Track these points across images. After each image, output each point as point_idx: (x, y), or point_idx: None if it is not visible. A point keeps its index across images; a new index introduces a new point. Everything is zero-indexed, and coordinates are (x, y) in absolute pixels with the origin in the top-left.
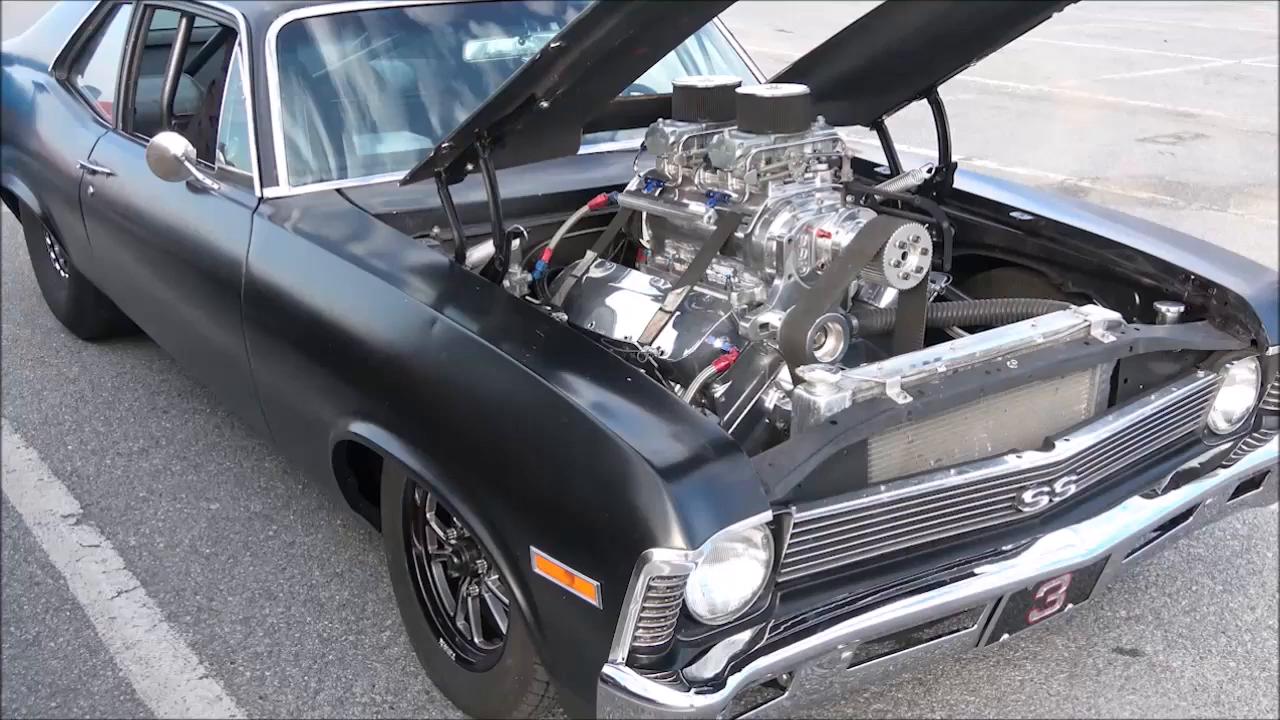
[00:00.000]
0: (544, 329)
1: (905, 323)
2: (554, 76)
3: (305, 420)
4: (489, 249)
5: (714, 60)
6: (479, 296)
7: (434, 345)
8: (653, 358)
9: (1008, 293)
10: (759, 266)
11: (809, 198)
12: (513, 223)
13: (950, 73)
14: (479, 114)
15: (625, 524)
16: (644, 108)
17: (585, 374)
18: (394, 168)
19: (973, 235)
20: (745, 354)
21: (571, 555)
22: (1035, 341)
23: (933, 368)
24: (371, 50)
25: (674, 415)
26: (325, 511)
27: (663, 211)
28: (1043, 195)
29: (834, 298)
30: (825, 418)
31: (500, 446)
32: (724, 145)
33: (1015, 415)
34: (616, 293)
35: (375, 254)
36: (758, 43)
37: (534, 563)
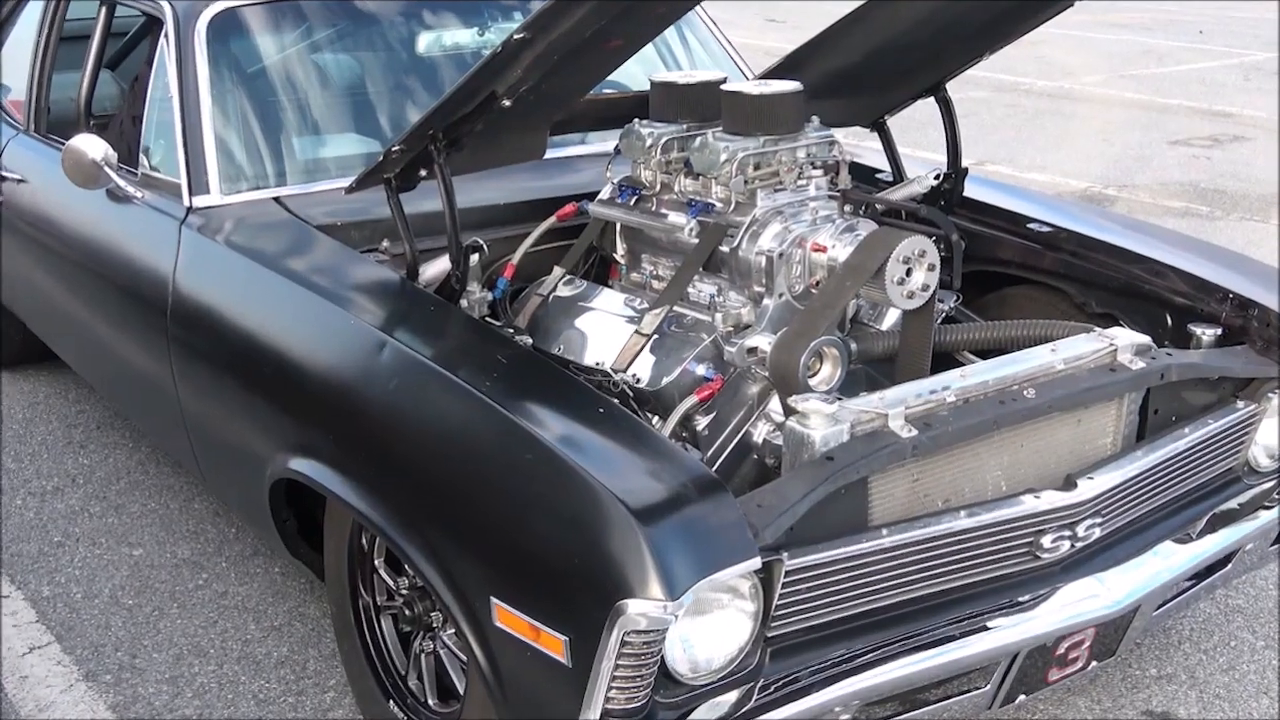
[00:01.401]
0: (506, 354)
1: (910, 347)
2: (517, 72)
3: (239, 456)
4: (444, 265)
5: (696, 54)
6: (433, 317)
7: (383, 372)
8: (627, 386)
9: (1024, 314)
10: (746, 284)
11: (802, 207)
12: (471, 235)
13: (960, 68)
14: (433, 114)
15: (597, 572)
16: (618, 107)
17: (552, 404)
18: (338, 174)
19: (985, 249)
20: (731, 382)
21: (537, 607)
22: (1055, 368)
23: (940, 397)
24: (314, 43)
25: (651, 450)
26: (261, 558)
27: (639, 222)
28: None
29: (830, 319)
30: (820, 453)
31: (457, 485)
32: (707, 149)
33: (1033, 450)
34: (587, 313)
35: (317, 270)
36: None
37: (495, 615)
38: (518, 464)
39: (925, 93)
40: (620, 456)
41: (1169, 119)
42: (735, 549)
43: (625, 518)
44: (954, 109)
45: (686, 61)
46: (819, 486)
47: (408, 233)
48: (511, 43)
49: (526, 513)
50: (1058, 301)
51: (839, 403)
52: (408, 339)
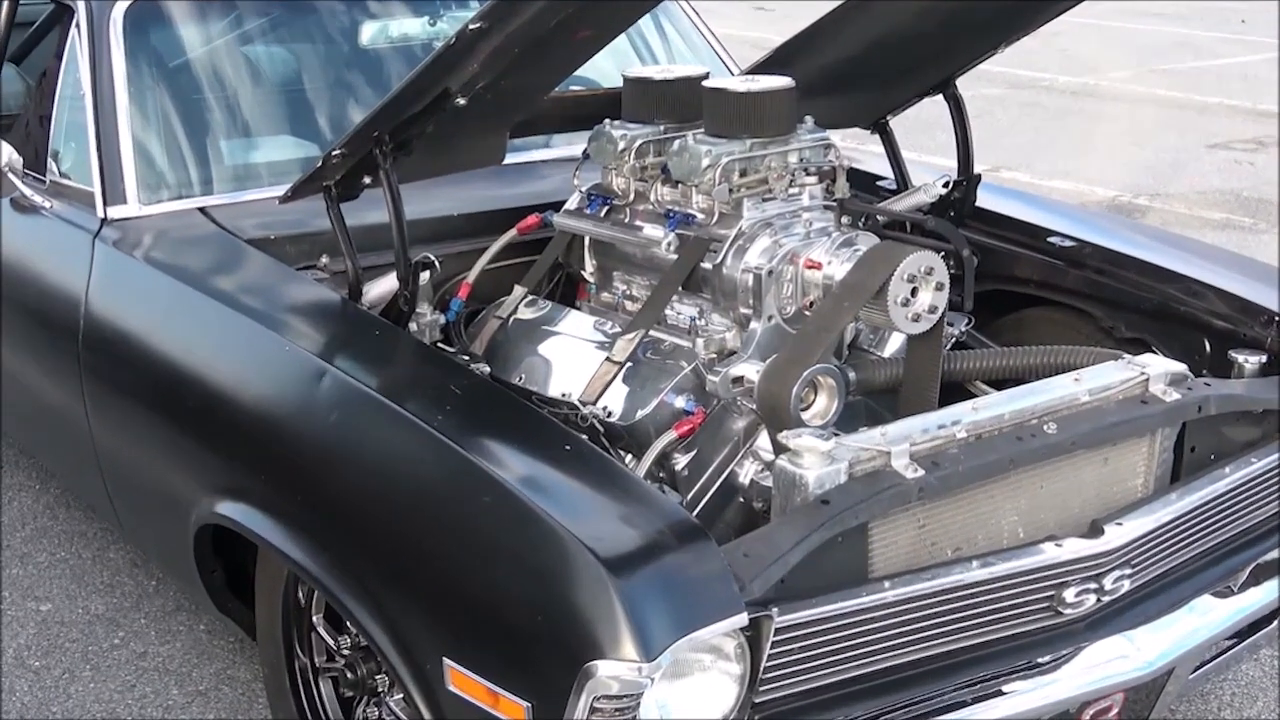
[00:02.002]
0: (460, 384)
1: (915, 376)
2: (473, 66)
3: (160, 499)
4: (391, 283)
5: (675, 46)
6: (378, 343)
7: (322, 404)
8: (598, 420)
9: (1044, 339)
10: (731, 306)
11: (794, 219)
12: (421, 250)
13: (972, 62)
14: (379, 114)
15: (563, 630)
16: (587, 106)
17: (512, 441)
18: (272, 181)
19: (1000, 266)
20: (714, 416)
21: (495, 670)
22: (1079, 400)
23: (950, 433)
24: (244, 34)
25: (624, 492)
26: (185, 614)
27: (610, 236)
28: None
29: (826, 345)
30: (815, 496)
31: (406, 532)
32: (687, 153)
33: (1054, 493)
34: (552, 339)
35: (248, 289)
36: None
37: (448, 678)
38: (474, 508)
39: (932, 90)
40: (589, 500)
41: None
42: (718, 604)
43: (594, 568)
44: (965, 108)
45: (664, 55)
46: (813, 533)
47: (350, 247)
48: (466, 34)
49: (484, 563)
50: (1082, 325)
51: (835, 439)
52: (350, 367)
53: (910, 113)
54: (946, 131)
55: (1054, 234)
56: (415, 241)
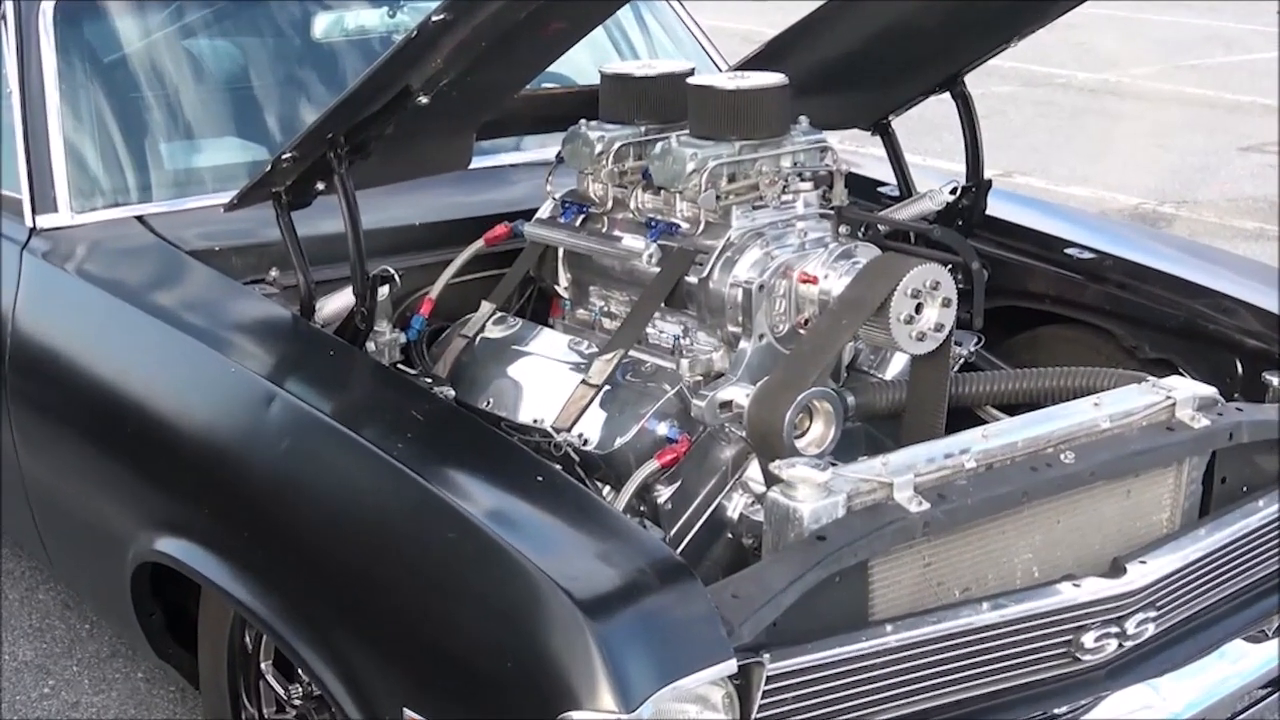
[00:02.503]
0: (422, 409)
1: (920, 401)
2: (436, 62)
3: (94, 535)
4: (347, 299)
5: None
6: (333, 364)
7: (271, 431)
8: (573, 449)
9: (1061, 359)
10: (719, 323)
11: (788, 228)
12: (380, 263)
13: (981, 57)
14: (333, 113)
15: (535, 678)
16: (561, 105)
17: (479, 471)
18: (216, 187)
19: (1013, 280)
20: (699, 444)
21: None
22: (1099, 426)
23: (958, 463)
24: (186, 27)
25: (601, 528)
26: (122, 660)
27: (586, 247)
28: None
29: (822, 366)
30: (810, 531)
31: (363, 571)
32: (671, 156)
33: (1072, 528)
34: (522, 359)
35: (190, 306)
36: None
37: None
38: (437, 544)
39: (939, 87)
40: (563, 535)
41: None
42: (705, 649)
43: (569, 610)
44: (974, 107)
45: (645, 49)
46: (808, 572)
47: (301, 260)
48: (429, 26)
49: (448, 605)
50: (1102, 344)
51: (833, 469)
52: (301, 390)
53: (914, 113)
54: (954, 133)
55: (1071, 245)
56: (373, 253)
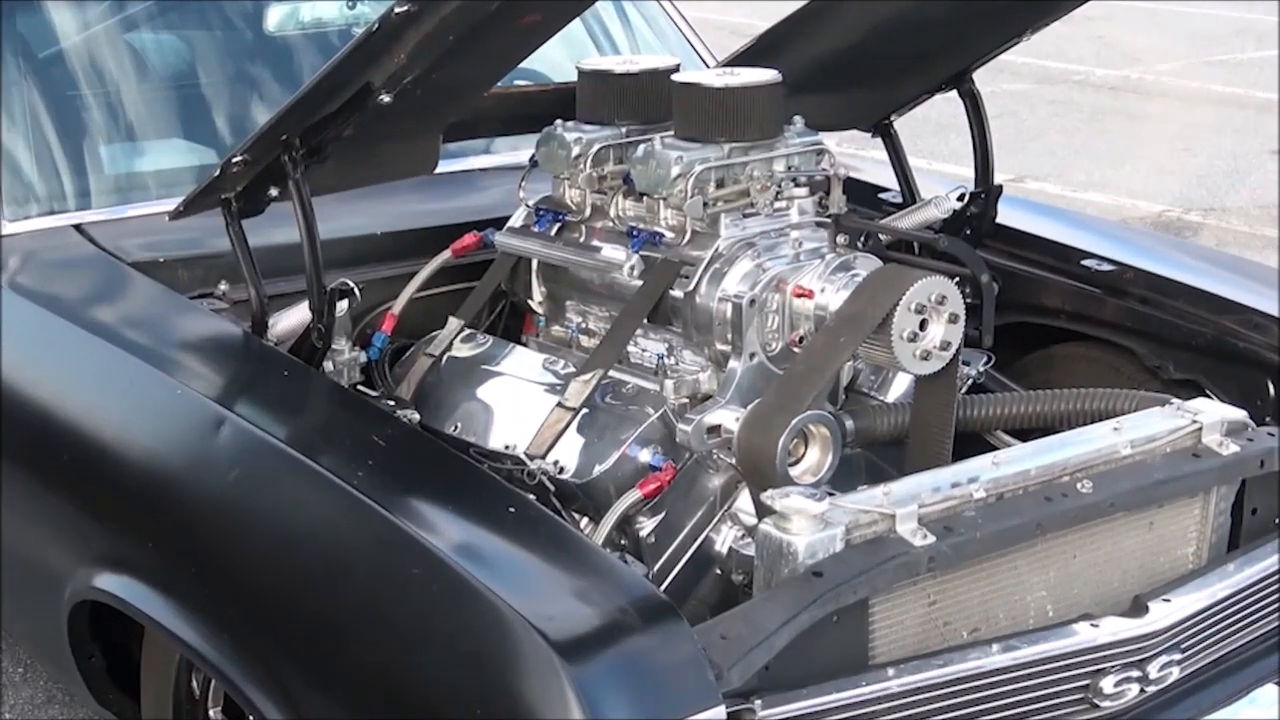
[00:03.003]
0: (384, 434)
1: (925, 425)
2: (400, 57)
3: (27, 570)
4: (303, 314)
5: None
6: (287, 385)
7: (220, 459)
8: (547, 477)
9: (1078, 380)
10: (706, 341)
11: (781, 238)
12: (339, 275)
13: (991, 52)
14: (287, 113)
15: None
16: (535, 104)
17: (446, 502)
18: (161, 193)
19: (1026, 294)
20: (685, 472)
21: None
22: (1119, 453)
23: (966, 492)
24: (129, 19)
25: (579, 563)
26: (59, 707)
27: (562, 258)
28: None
29: (818, 388)
30: (805, 567)
31: (320, 610)
32: (654, 160)
33: (1089, 564)
34: (493, 380)
35: (133, 322)
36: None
37: None
38: (401, 581)
39: (945, 85)
40: (537, 571)
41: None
42: (691, 694)
43: (543, 652)
44: (983, 107)
45: (626, 43)
46: (803, 611)
47: (253, 272)
48: (392, 18)
49: (412, 646)
50: (1123, 364)
51: (830, 500)
52: (253, 414)
53: (919, 113)
54: (961, 134)
55: (1089, 256)
56: (331, 265)
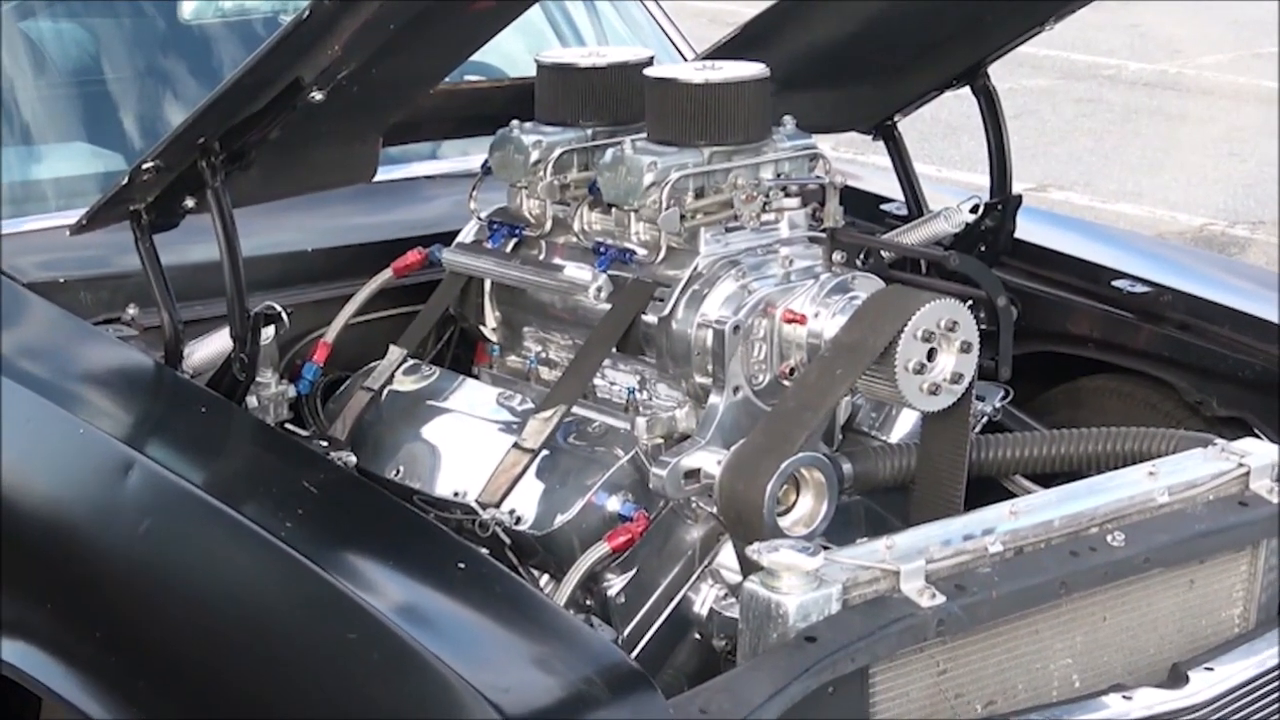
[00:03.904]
0: (316, 480)
1: (934, 469)
2: (334, 49)
3: None
4: (224, 342)
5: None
6: (205, 424)
7: (129, 508)
8: (502, 529)
9: (1108, 417)
10: (683, 373)
11: (769, 256)
12: (264, 298)
13: (1009, 42)
14: (205, 113)
15: None
16: (488, 102)
17: (387, 557)
18: (61, 204)
19: (1048, 319)
20: (660, 523)
21: None
22: (1155, 501)
23: (980, 546)
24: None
25: (539, 627)
26: None
27: (520, 279)
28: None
29: (812, 427)
30: (797, 631)
31: (243, 680)
32: (624, 165)
33: (1121, 627)
34: (440, 418)
35: (29, 352)
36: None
37: None
38: (336, 648)
39: (956, 81)
40: (491, 636)
41: None
42: None
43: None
44: (1000, 105)
45: (593, 33)
46: (794, 682)
47: (166, 294)
48: (325, 5)
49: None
50: (1159, 399)
51: (825, 554)
52: (167, 457)
53: (926, 112)
54: (975, 137)
55: (1121, 276)
56: (255, 286)
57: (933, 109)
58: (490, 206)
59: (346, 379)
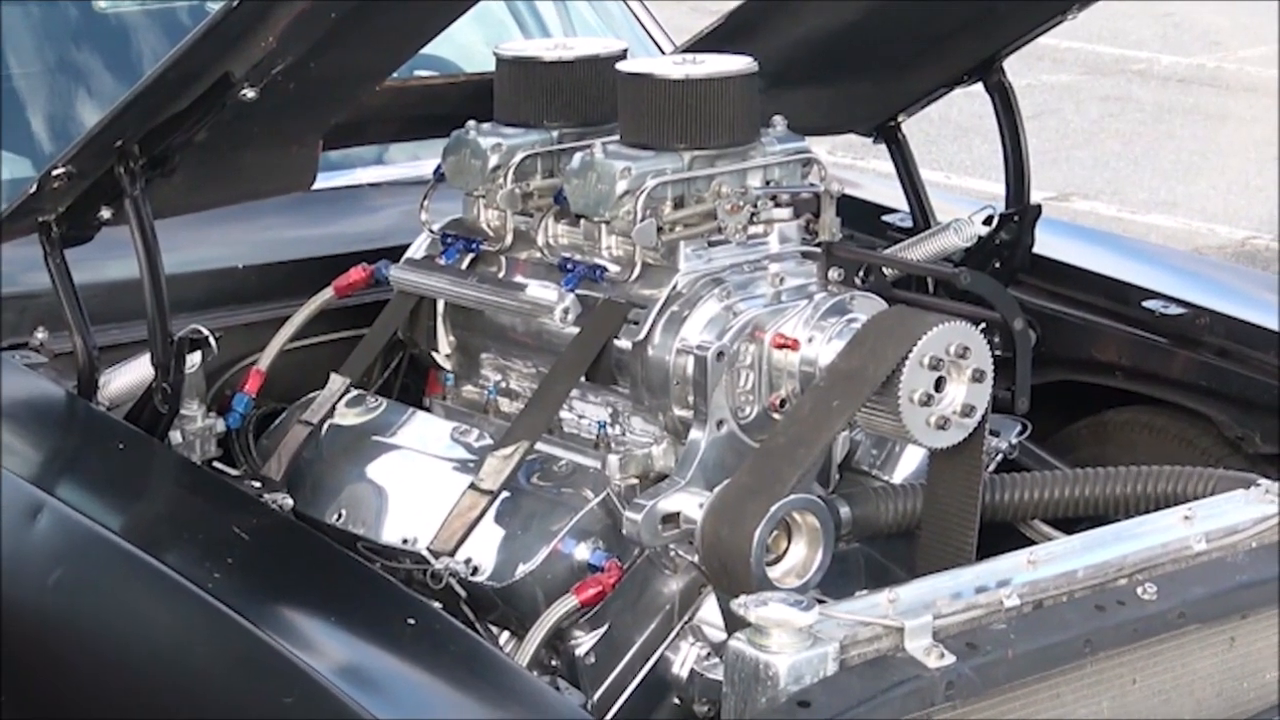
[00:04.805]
0: (248, 525)
1: (943, 513)
2: (268, 40)
3: None
4: (143, 370)
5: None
6: (123, 462)
7: (37, 556)
8: (457, 580)
9: (1138, 454)
10: (660, 405)
11: (757, 273)
12: (189, 320)
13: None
14: (123, 112)
15: None
16: (441, 101)
17: (327, 611)
18: None
19: (1072, 344)
20: (635, 573)
21: None
22: (1191, 548)
23: (995, 599)
24: None
25: (498, 690)
26: None
27: (477, 299)
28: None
29: (805, 466)
30: (789, 695)
31: None
32: (594, 172)
33: (1154, 690)
34: (387, 456)
35: None
36: None
37: None
38: (270, 712)
39: (968, 76)
40: (444, 700)
41: None
42: None
43: None
44: (1017, 104)
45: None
46: None
47: (79, 316)
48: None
49: None
50: (1196, 434)
51: (819, 609)
52: (80, 500)
53: (934, 112)
54: (990, 140)
55: (1152, 296)
56: (180, 307)
57: (941, 108)
58: (444, 218)
59: (282, 411)
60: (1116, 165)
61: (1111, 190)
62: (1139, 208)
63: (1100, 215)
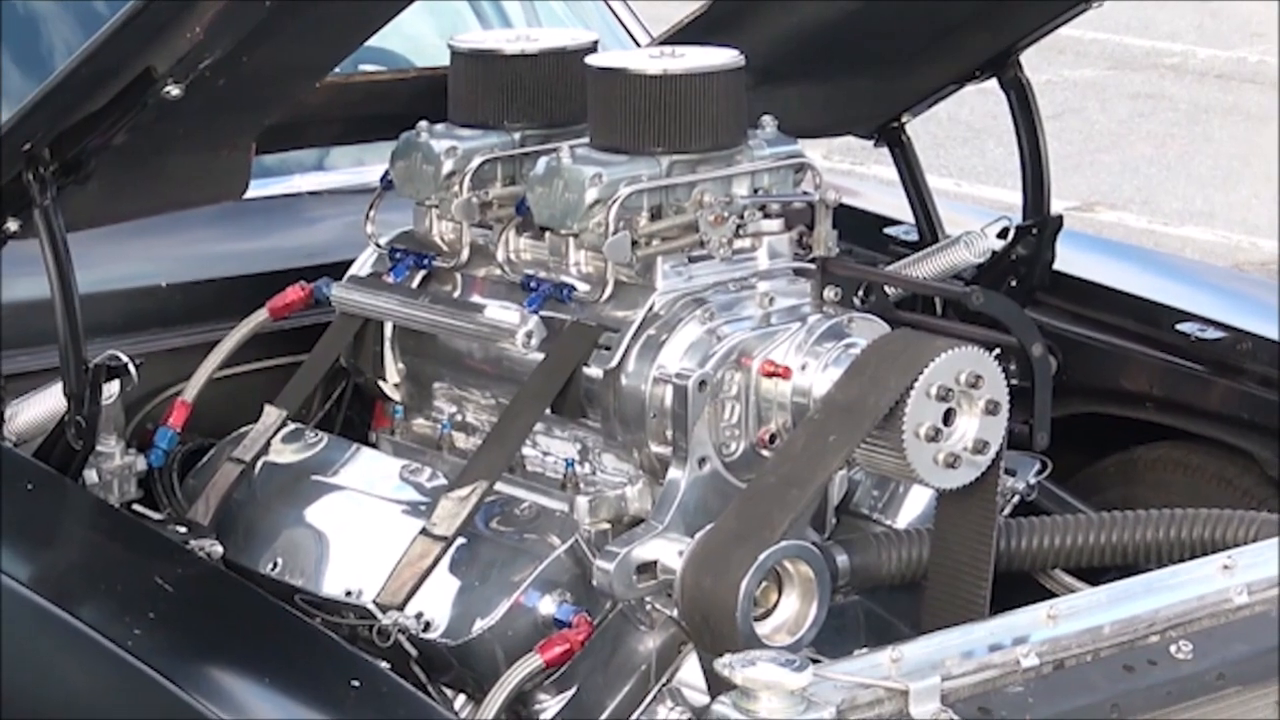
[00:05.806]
0: (172, 575)
1: (952, 561)
2: (195, 31)
3: None
4: (54, 402)
5: None
6: (32, 505)
7: None
8: (408, 636)
9: (1172, 496)
10: (635, 441)
11: (744, 293)
12: (107, 345)
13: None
14: (31, 113)
15: None
16: (388, 99)
17: (260, 672)
18: None
19: (1097, 372)
20: (606, 629)
21: None
22: (1231, 601)
23: (1011, 658)
24: None
25: None
26: None
27: (430, 321)
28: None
29: (798, 509)
30: None
31: None
32: (561, 179)
33: None
34: (329, 497)
35: None
36: None
37: None
38: None
39: (980, 72)
40: None
41: None
42: None
43: None
44: (1035, 103)
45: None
46: None
47: None
48: None
49: None
50: (1235, 472)
51: (814, 669)
52: None
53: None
54: (1004, 143)
55: (1187, 317)
56: (96, 331)
57: (950, 107)
58: (392, 230)
59: (210, 448)
60: (1147, 171)
61: (1141, 199)
62: (1172, 219)
63: (1129, 227)
